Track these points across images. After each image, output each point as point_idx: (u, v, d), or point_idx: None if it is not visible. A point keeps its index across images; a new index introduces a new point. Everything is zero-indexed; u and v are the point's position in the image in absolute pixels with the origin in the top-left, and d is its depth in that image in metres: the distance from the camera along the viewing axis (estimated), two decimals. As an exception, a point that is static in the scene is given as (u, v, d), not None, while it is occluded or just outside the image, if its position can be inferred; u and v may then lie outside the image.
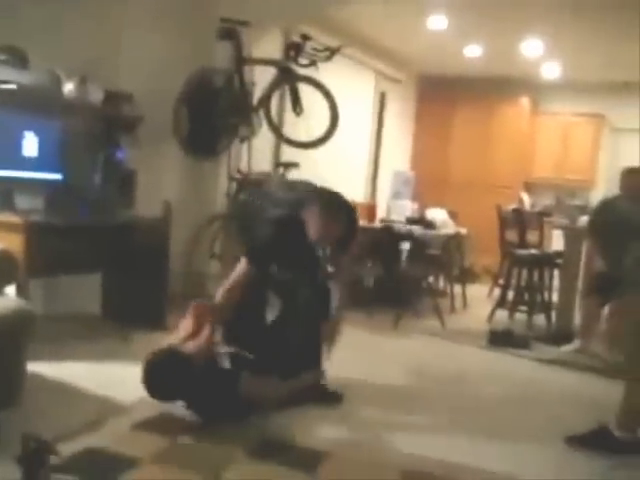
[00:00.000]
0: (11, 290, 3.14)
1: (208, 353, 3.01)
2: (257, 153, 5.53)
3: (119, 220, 4.24)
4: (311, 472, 2.56)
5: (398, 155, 9.11)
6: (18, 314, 2.79)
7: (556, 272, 6.12)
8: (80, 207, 4.00)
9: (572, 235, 5.53)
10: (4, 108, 3.67)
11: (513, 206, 6.98)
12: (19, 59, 3.84)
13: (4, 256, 2.96)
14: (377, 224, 6.31)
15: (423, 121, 9.50)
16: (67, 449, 2.47)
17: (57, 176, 4.09)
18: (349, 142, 7.39)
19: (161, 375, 2.89)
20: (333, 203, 3.44)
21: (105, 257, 4.15)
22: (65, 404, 3.02)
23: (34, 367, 3.10)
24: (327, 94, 5.12)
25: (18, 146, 3.87)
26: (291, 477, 2.52)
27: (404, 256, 6.23)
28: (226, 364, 3.05)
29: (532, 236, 6.53)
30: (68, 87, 4.14)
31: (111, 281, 4.52)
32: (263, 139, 5.61)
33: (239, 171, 5.37)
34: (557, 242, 6.97)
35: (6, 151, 3.78)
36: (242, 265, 3.33)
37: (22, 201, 3.93)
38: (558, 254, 6.06)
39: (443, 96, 9.16)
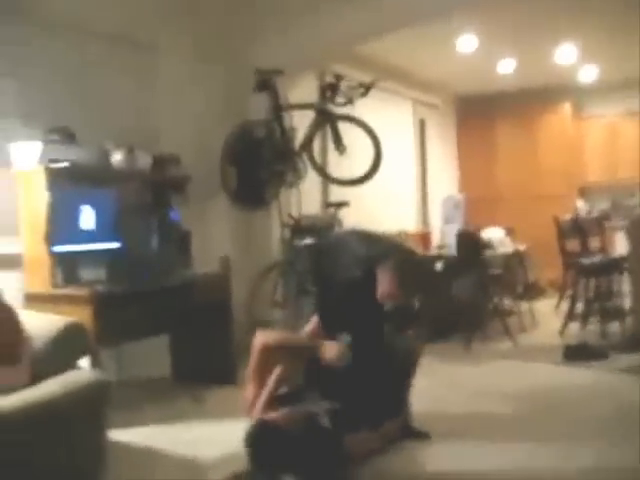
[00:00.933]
0: (85, 362, 3.21)
1: (300, 414, 2.93)
2: (306, 196, 5.57)
3: (179, 280, 4.29)
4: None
5: (445, 179, 9.07)
6: (95, 385, 2.84)
7: (624, 276, 5.95)
8: (141, 272, 4.06)
9: (635, 235, 5.38)
10: (60, 186, 3.79)
11: (570, 215, 6.85)
12: (68, 137, 3.98)
13: (74, 328, 3.03)
14: (433, 252, 6.24)
15: (466, 142, 9.46)
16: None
17: (116, 245, 4.18)
18: (395, 173, 7.39)
19: (265, 454, 2.79)
20: (408, 266, 3.36)
21: (170, 318, 4.20)
22: (149, 469, 3.05)
23: (113, 434, 3.14)
24: (368, 130, 5.15)
25: (76, 220, 3.98)
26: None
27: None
28: (326, 422, 2.92)
29: (594, 243, 6.39)
30: (116, 157, 4.26)
31: (178, 341, 4.58)
32: (310, 182, 5.65)
33: (290, 216, 5.42)
34: (620, 245, 6.80)
35: (65, 227, 3.89)
36: (314, 321, 3.33)
37: (85, 273, 4.03)
38: (624, 258, 5.90)
39: (482, 114, 9.13)
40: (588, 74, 8.01)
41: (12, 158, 3.83)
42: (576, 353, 4.90)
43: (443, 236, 7.26)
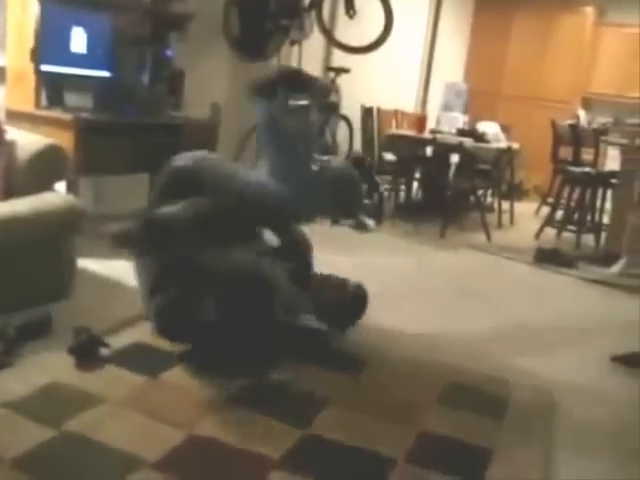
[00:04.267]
0: (61, 186, 3.17)
1: None
2: (307, 57, 5.38)
3: (167, 120, 4.19)
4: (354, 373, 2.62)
5: (451, 65, 8.79)
6: (68, 209, 2.82)
7: (609, 193, 5.96)
8: (129, 106, 3.95)
9: (629, 155, 5.33)
10: (53, 1, 3.59)
11: (569, 121, 6.74)
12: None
13: (55, 150, 2.96)
14: (426, 135, 6.15)
15: (479, 30, 9.11)
16: (116, 342, 2.54)
17: (105, 73, 4.04)
18: (401, 49, 7.12)
19: None
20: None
21: (153, 158, 4.11)
22: (113, 299, 3.09)
23: (84, 263, 3.16)
24: (383, -3, 4.93)
25: (67, 42, 3.80)
26: (332, 378, 2.56)
27: (452, 169, 6.12)
28: None
29: (587, 154, 6.32)
30: (117, -19, 4.03)
31: (158, 182, 4.53)
32: (314, 42, 5.45)
33: (288, 75, 5.25)
34: (612, 162, 6.75)
35: (55, 47, 3.71)
36: None
37: (71, 98, 3.91)
38: (612, 174, 5.87)
39: (502, 3, 8.74)
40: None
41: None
42: (547, 257, 4.97)
43: (439, 122, 7.15)
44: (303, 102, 5.07)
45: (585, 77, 8.57)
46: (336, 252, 4.14)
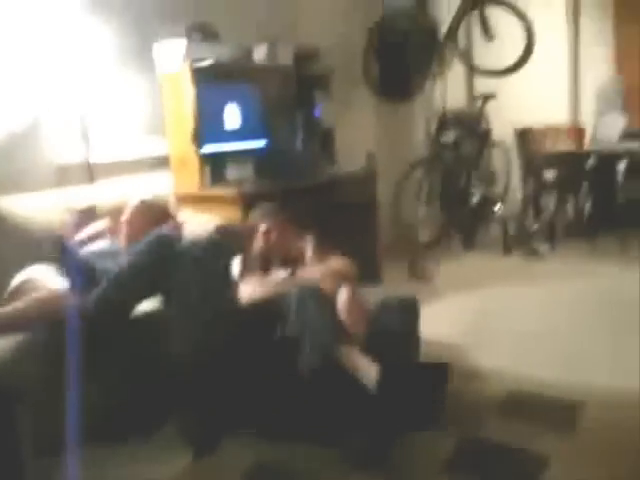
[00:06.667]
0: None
1: None
2: (450, 88, 5.28)
3: (324, 178, 4.21)
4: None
5: (599, 60, 8.02)
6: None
7: None
8: (286, 171, 4.01)
9: None
10: (205, 85, 3.74)
11: None
12: (210, 35, 3.89)
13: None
14: (586, 149, 5.80)
15: (626, 12, 8.23)
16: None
17: (261, 142, 4.14)
18: (542, 58, 6.68)
19: None
20: None
21: (315, 217, 4.14)
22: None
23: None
24: (519, 14, 4.76)
25: (222, 119, 3.95)
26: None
27: (620, 177, 5.70)
28: None
29: None
30: (258, 53, 4.13)
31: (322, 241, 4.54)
32: (455, 73, 5.33)
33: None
34: None
35: (213, 126, 3.86)
36: None
37: (232, 172, 4.02)
38: None
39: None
40: None
41: (155, 58, 3.77)
42: None
43: (596, 130, 6.73)
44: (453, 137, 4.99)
45: None
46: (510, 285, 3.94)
